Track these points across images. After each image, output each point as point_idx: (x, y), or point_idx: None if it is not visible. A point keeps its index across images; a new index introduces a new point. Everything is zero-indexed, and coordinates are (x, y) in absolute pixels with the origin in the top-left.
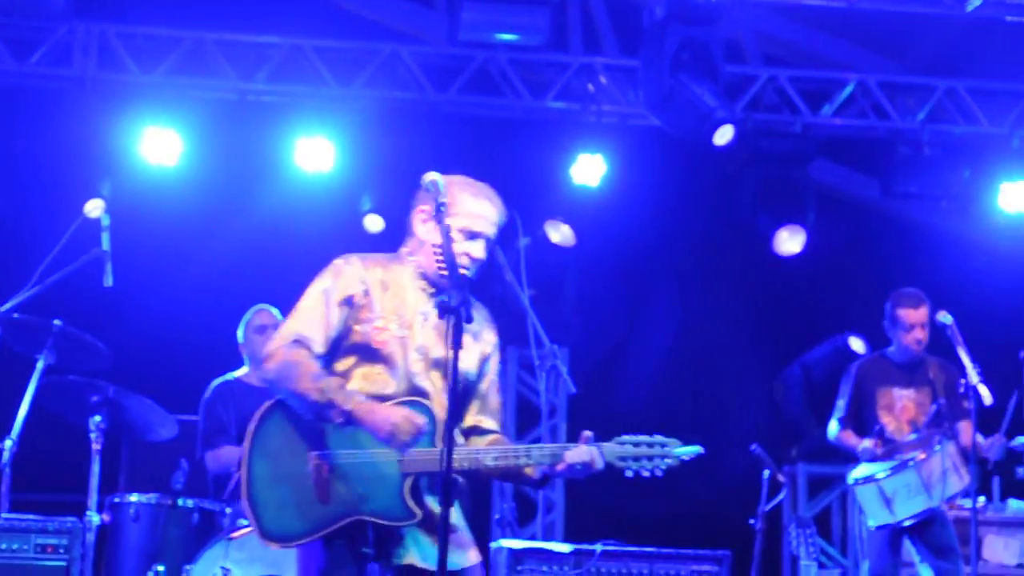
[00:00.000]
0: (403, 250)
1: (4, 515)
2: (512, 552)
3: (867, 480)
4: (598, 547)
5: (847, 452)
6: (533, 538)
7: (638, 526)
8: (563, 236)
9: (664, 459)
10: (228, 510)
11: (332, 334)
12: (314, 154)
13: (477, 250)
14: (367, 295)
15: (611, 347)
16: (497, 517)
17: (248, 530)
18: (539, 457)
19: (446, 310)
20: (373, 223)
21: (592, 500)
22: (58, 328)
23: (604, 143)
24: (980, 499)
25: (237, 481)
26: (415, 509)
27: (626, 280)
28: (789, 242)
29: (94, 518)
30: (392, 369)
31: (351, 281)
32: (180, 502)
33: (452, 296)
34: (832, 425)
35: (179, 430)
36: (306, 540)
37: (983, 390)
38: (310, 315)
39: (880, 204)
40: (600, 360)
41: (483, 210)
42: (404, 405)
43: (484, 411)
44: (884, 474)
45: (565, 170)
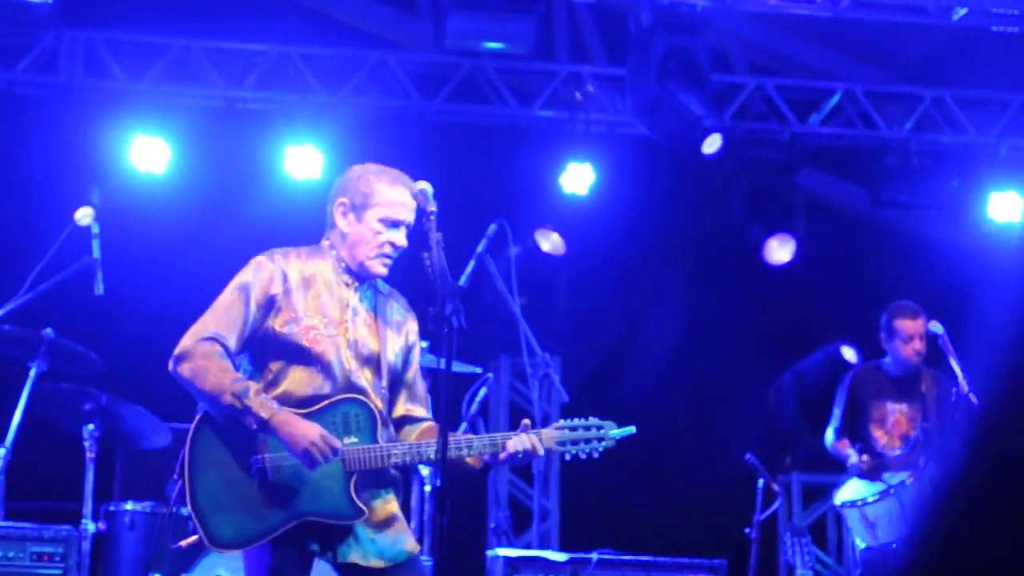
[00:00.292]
0: (324, 242)
1: (0, 523)
2: (508, 561)
3: (851, 504)
4: (594, 556)
5: (840, 460)
6: (529, 547)
7: (634, 534)
8: (553, 245)
9: (601, 441)
10: None
11: (247, 333)
12: (303, 162)
13: (400, 238)
14: (288, 294)
15: (603, 355)
16: (493, 526)
17: None
18: (480, 447)
19: (439, 320)
20: None
21: (588, 508)
22: (49, 336)
23: (593, 151)
24: None
25: (180, 488)
26: (362, 506)
27: (617, 288)
28: (779, 251)
29: (90, 526)
30: (327, 370)
31: (271, 279)
32: (175, 510)
33: (446, 305)
34: (828, 434)
35: (172, 438)
36: (255, 544)
37: (974, 399)
38: (227, 313)
39: (869, 213)
40: (593, 368)
41: (401, 197)
42: (342, 403)
43: (413, 399)
44: (871, 498)
45: (554, 179)
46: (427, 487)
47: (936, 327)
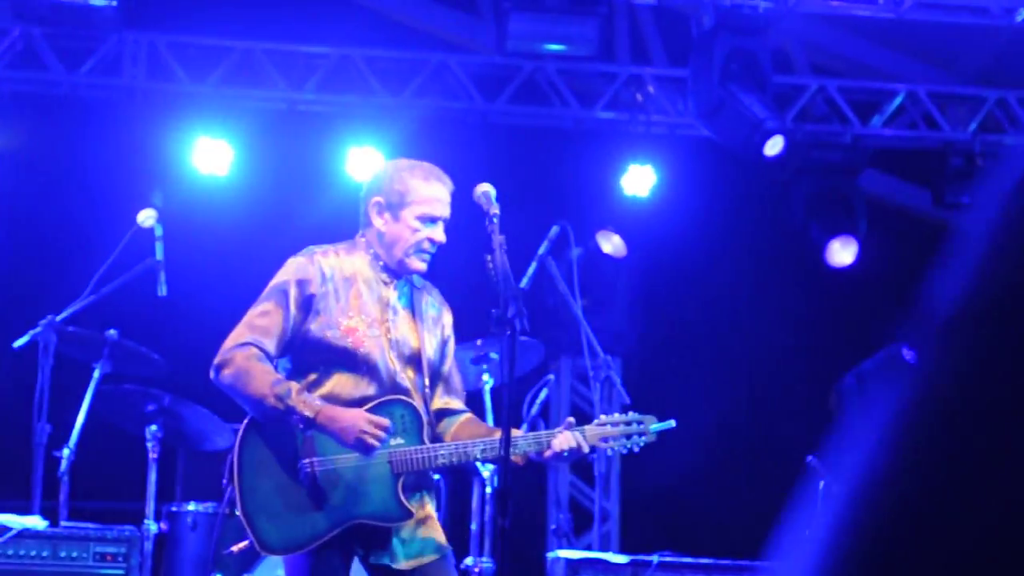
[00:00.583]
0: (359, 239)
1: (63, 523)
2: (568, 563)
3: None
4: (655, 558)
5: None
6: (589, 548)
7: (695, 537)
8: (615, 246)
9: (641, 436)
10: None
11: (288, 337)
12: (365, 163)
13: (438, 234)
14: (327, 296)
15: (665, 357)
16: (553, 528)
17: None
18: (525, 446)
19: (502, 323)
20: None
21: (648, 510)
22: (113, 338)
23: (654, 153)
24: None
25: (231, 493)
26: (411, 508)
27: (679, 290)
28: (841, 253)
29: (152, 527)
30: (373, 372)
31: (310, 281)
32: (237, 511)
33: (508, 307)
34: None
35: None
36: (307, 548)
37: None
38: (265, 318)
39: (932, 215)
40: (654, 370)
41: (437, 193)
42: (388, 404)
43: (450, 392)
44: None
45: (615, 180)
46: (488, 488)
47: None
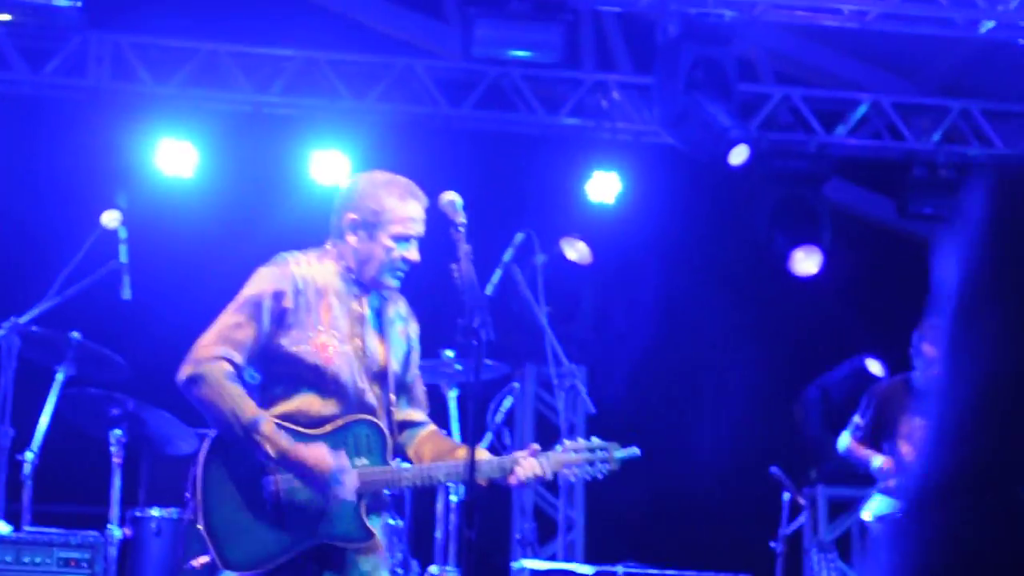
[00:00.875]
0: (330, 248)
1: (27, 528)
2: (533, 573)
3: (880, 519)
4: (619, 568)
5: (857, 465)
6: (554, 558)
7: (659, 547)
8: (579, 253)
9: (605, 463)
10: None
11: (258, 347)
12: (329, 167)
13: (413, 253)
14: (299, 309)
15: (629, 365)
16: (518, 537)
17: None
18: (489, 471)
19: (468, 332)
20: None
21: (613, 520)
22: (76, 340)
23: (619, 160)
24: None
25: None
26: (372, 529)
27: (643, 298)
28: (805, 262)
29: (116, 532)
30: (340, 390)
31: (283, 293)
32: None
33: (474, 317)
34: (844, 437)
35: (199, 444)
36: (267, 566)
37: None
38: (237, 331)
39: (896, 225)
40: (618, 379)
41: (413, 212)
42: (353, 425)
43: (412, 403)
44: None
45: (580, 187)
46: (452, 497)
47: None
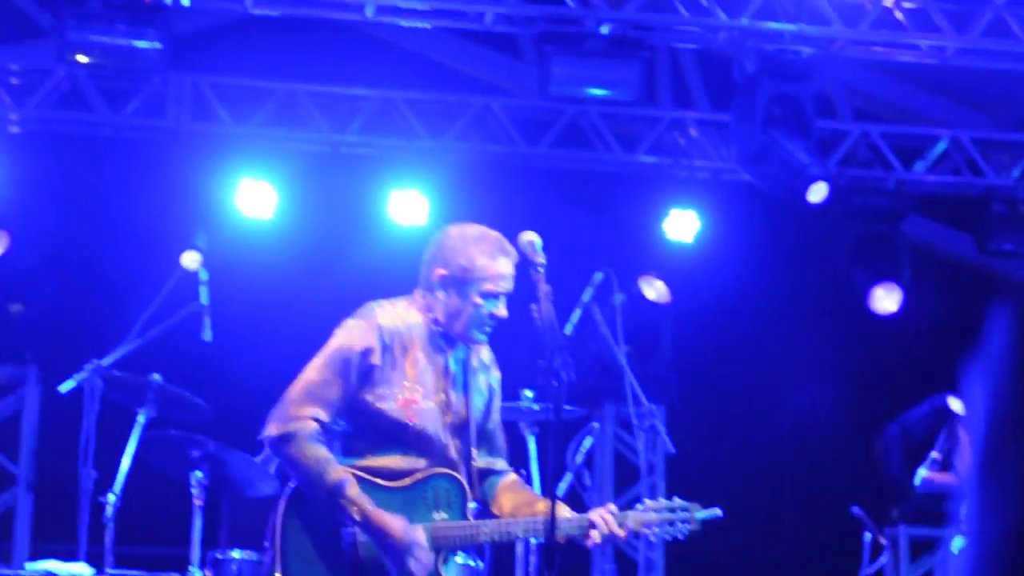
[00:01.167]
0: (419, 298)
1: (109, 570)
2: None
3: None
4: None
5: (939, 491)
6: None
7: None
8: (658, 292)
9: (685, 523)
10: None
11: (345, 403)
12: (407, 207)
13: (502, 310)
14: (385, 366)
15: (708, 405)
16: None
17: None
18: (568, 529)
19: (548, 373)
20: None
21: (692, 559)
22: (157, 383)
23: (697, 198)
24: None
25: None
26: None
27: (722, 337)
28: (885, 300)
29: (196, 574)
30: (424, 446)
31: (371, 350)
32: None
33: (554, 358)
34: (920, 471)
35: (280, 486)
36: None
37: None
38: (329, 387)
39: (976, 261)
40: (697, 419)
41: (503, 269)
42: (433, 479)
43: (493, 451)
44: None
45: (658, 225)
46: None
47: None
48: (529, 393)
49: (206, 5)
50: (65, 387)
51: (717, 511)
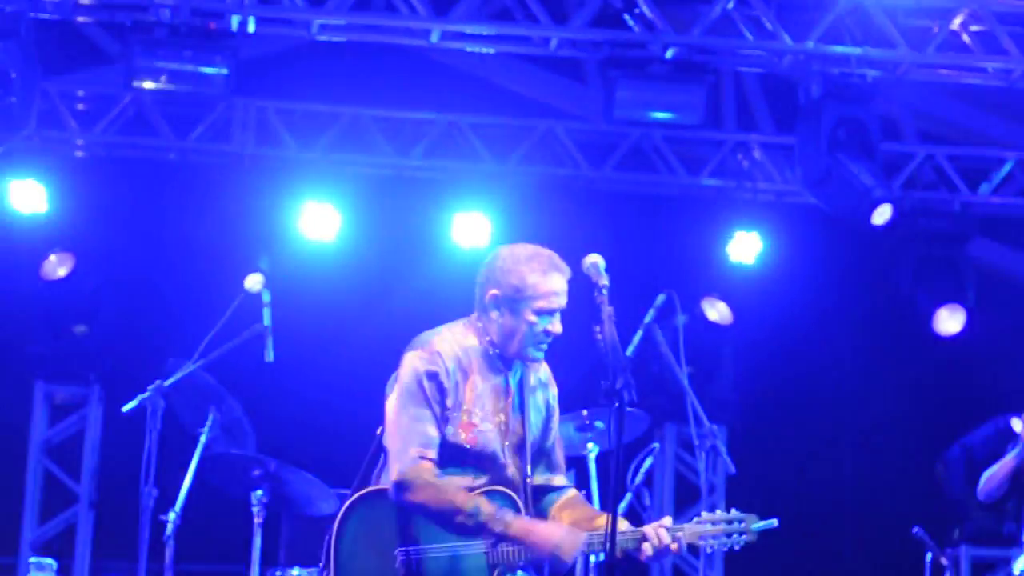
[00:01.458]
0: (475, 321)
1: None
2: None
3: None
4: None
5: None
6: None
7: None
8: (720, 314)
9: (742, 535)
10: None
11: (439, 430)
12: (471, 230)
13: (556, 326)
14: (448, 389)
15: (770, 426)
16: None
17: None
18: (623, 543)
19: (610, 394)
20: None
21: None
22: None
23: (760, 220)
24: None
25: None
26: None
27: (784, 359)
28: (949, 321)
29: None
30: (483, 466)
31: (437, 370)
32: None
33: (616, 379)
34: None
35: (339, 504)
36: None
37: None
38: (421, 423)
39: None
40: (759, 439)
41: (556, 286)
42: (488, 495)
43: (552, 468)
44: None
45: (721, 247)
46: (592, 558)
47: None
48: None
49: (271, 31)
50: (128, 407)
51: (774, 522)
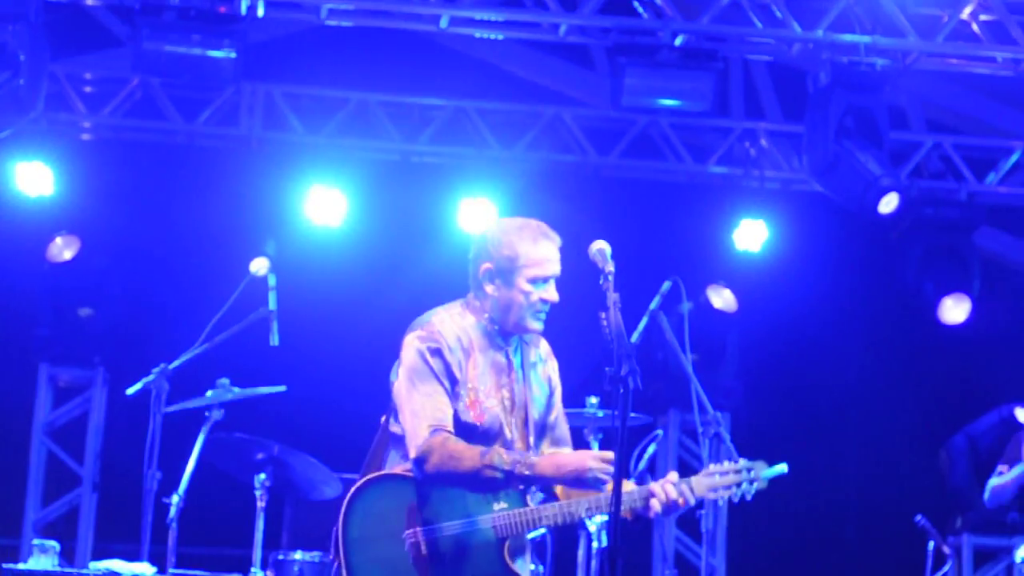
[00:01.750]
0: (472, 300)
1: (172, 570)
2: None
3: None
4: None
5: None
6: None
7: None
8: (725, 301)
9: (752, 483)
10: None
11: (451, 403)
12: (477, 215)
13: (551, 293)
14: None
15: (773, 413)
16: None
17: None
18: (630, 501)
19: (615, 380)
20: None
21: (755, 566)
22: (224, 386)
23: (766, 208)
24: None
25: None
26: (517, 571)
27: (789, 347)
28: (954, 310)
29: (259, 575)
30: (492, 441)
31: (439, 346)
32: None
33: (622, 366)
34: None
35: (343, 489)
36: None
37: None
38: (429, 396)
39: None
40: (762, 427)
41: (547, 253)
42: None
43: (557, 443)
44: None
45: (727, 235)
46: (595, 544)
47: None
48: (594, 399)
49: (280, 16)
50: (132, 390)
51: (784, 467)
